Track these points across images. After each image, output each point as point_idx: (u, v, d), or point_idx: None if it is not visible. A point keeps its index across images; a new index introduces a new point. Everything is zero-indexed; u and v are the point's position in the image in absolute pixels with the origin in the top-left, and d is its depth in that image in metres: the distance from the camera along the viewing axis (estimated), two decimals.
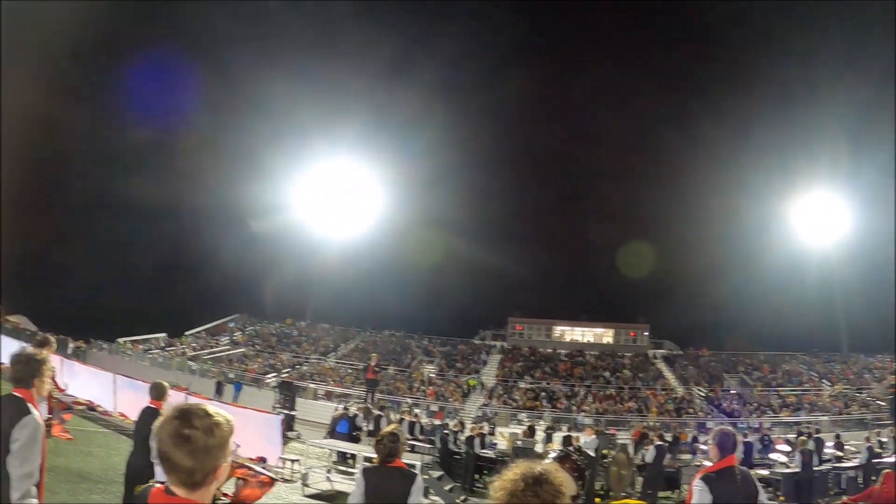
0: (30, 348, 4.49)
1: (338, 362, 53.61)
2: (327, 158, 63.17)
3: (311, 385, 44.60)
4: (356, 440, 21.64)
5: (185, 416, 2.14)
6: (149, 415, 7.36)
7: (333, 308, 65.99)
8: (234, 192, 69.19)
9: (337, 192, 63.59)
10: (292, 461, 16.49)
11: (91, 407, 21.00)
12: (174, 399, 8.07)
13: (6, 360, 16.88)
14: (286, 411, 25.04)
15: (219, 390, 38.84)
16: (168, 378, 20.92)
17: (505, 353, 56.26)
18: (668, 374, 50.16)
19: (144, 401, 8.05)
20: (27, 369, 4.35)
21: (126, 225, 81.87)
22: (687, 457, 23.86)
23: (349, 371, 50.38)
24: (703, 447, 23.29)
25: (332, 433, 22.76)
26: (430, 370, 51.03)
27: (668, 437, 26.00)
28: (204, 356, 53.00)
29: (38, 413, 4.30)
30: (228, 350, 56.66)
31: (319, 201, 64.01)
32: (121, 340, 55.52)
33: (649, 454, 18.29)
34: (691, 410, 41.22)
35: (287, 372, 49.07)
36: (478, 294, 65.32)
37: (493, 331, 62.37)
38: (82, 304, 73.60)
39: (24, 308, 75.35)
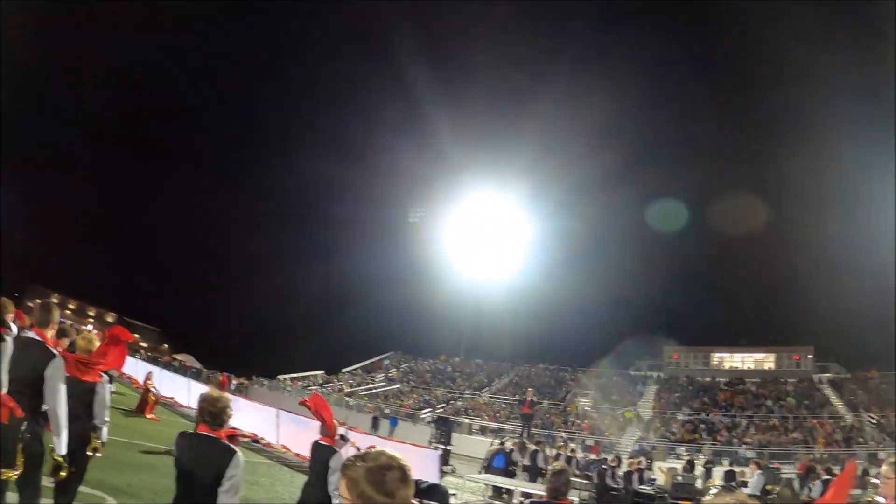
0: (225, 394, 4.89)
1: (492, 397, 53.84)
2: (477, 194, 63.85)
3: (466, 420, 44.87)
4: (511, 475, 21.72)
5: (383, 461, 2.34)
6: (322, 451, 7.83)
7: (487, 343, 66.34)
8: (384, 230, 71.06)
9: (487, 226, 64.06)
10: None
11: (255, 439, 21.98)
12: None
13: (175, 395, 18.02)
14: (443, 446, 25.32)
15: (375, 425, 39.75)
16: None
17: (661, 384, 54.98)
18: (835, 400, 47.17)
19: (306, 435, 8.54)
20: (223, 412, 4.71)
21: (284, 268, 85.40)
22: (857, 492, 22.66)
23: (504, 406, 50.46)
24: (875, 480, 22.08)
25: (488, 468, 22.91)
26: (585, 403, 50.38)
27: (837, 469, 24.78)
28: (360, 392, 54.31)
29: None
30: (384, 386, 57.89)
31: (470, 237, 64.67)
32: (281, 377, 57.63)
33: (816, 489, 17.58)
34: (861, 440, 38.70)
35: (442, 407, 49.66)
36: (632, 323, 64.18)
37: (648, 360, 60.92)
38: (244, 343, 77.18)
39: (190, 347, 79.94)
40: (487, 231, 64.06)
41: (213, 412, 4.66)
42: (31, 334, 5.82)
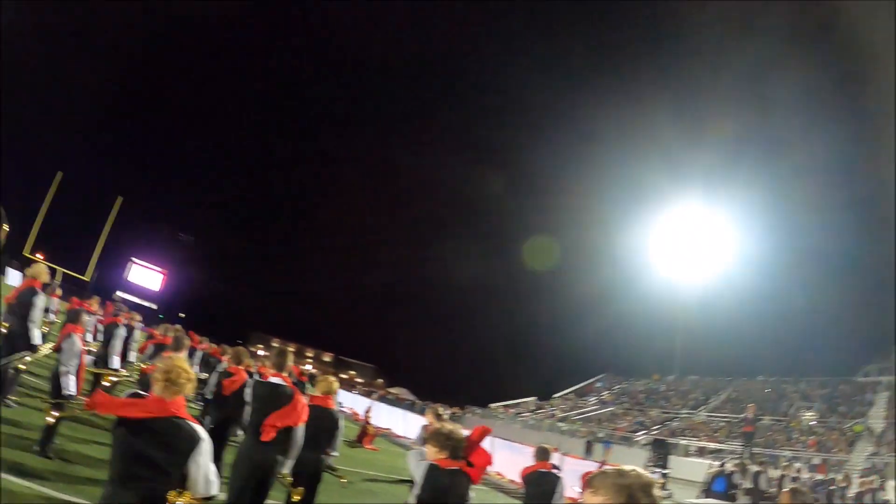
0: (456, 426, 5.40)
1: (709, 416, 52.18)
2: (678, 203, 62.69)
3: (683, 441, 43.76)
4: (733, 499, 21.28)
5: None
6: (546, 478, 8.37)
7: (701, 358, 64.45)
8: (577, 249, 70.91)
9: (690, 236, 62.61)
10: None
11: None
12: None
13: (391, 426, 19.56)
14: (659, 470, 25.14)
15: (588, 450, 39.69)
16: (538, 439, 22.22)
17: (894, 390, 51.22)
18: None
19: (519, 461, 9.10)
20: (461, 443, 5.26)
21: (491, 297, 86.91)
22: None
23: (722, 424, 48.85)
24: None
25: (708, 492, 22.55)
26: (809, 417, 47.79)
27: None
28: (573, 417, 54.32)
29: None
30: (597, 409, 57.57)
31: (673, 248, 63.43)
32: (493, 405, 58.61)
33: None
34: None
35: (657, 429, 48.78)
36: (856, 323, 60.36)
37: (878, 364, 56.58)
38: (455, 373, 79.07)
39: (403, 381, 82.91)
40: (697, 241, 62.53)
41: (453, 444, 5.16)
42: (274, 380, 6.63)
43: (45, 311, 11.80)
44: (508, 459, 21.54)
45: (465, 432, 5.48)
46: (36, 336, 9.78)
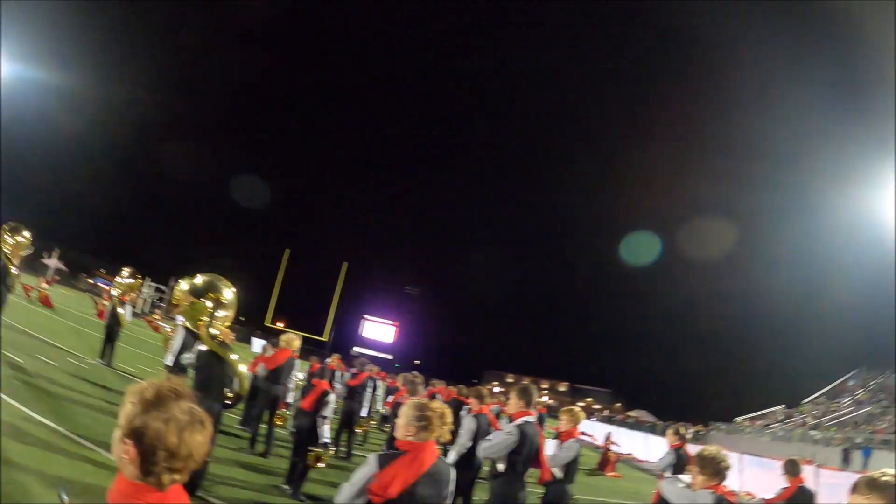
0: (719, 448, 5.08)
1: None
2: None
3: None
4: None
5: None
6: (801, 495, 8.15)
7: None
8: (806, 235, 66.68)
9: None
10: None
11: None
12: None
13: (633, 451, 19.32)
14: None
15: (846, 458, 36.68)
16: (789, 451, 20.77)
17: None
18: None
19: (770, 477, 8.68)
20: (728, 468, 4.93)
21: (720, 308, 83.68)
22: None
23: None
24: None
25: None
26: None
27: None
28: (826, 422, 50.49)
29: None
30: (852, 411, 53.12)
31: None
32: (738, 419, 56.20)
33: None
34: None
35: None
36: None
37: None
38: (695, 389, 76.41)
39: (642, 402, 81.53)
40: None
41: (724, 469, 4.87)
42: (529, 419, 6.80)
43: None
44: (758, 477, 20.50)
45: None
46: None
